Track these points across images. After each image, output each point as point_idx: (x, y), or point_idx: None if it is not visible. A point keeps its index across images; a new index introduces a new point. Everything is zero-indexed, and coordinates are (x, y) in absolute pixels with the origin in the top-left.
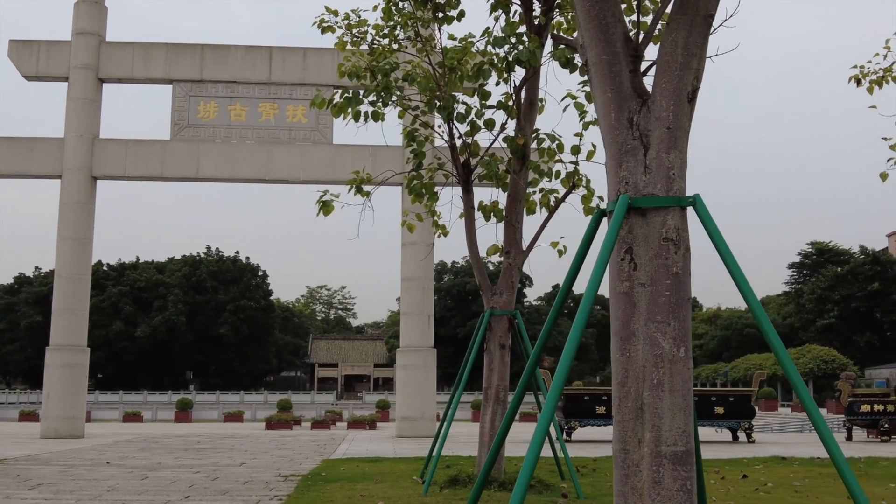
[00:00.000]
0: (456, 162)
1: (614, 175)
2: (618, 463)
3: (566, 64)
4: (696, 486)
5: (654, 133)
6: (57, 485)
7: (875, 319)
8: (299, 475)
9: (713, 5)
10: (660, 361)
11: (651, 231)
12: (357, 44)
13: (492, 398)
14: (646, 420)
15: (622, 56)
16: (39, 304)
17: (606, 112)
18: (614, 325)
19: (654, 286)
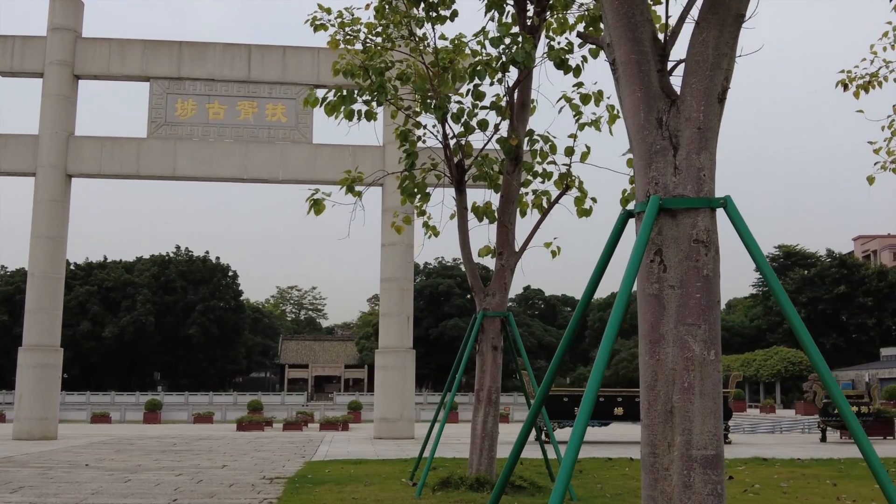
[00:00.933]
0: (450, 162)
1: (643, 175)
2: (646, 467)
3: (561, 65)
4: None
5: (684, 133)
6: (38, 488)
7: (841, 322)
8: (284, 477)
9: (744, 5)
10: (690, 364)
11: (681, 233)
12: (350, 42)
13: (484, 399)
14: (676, 423)
15: (650, 55)
16: (5, 304)
17: (635, 112)
18: (643, 327)
19: (683, 288)
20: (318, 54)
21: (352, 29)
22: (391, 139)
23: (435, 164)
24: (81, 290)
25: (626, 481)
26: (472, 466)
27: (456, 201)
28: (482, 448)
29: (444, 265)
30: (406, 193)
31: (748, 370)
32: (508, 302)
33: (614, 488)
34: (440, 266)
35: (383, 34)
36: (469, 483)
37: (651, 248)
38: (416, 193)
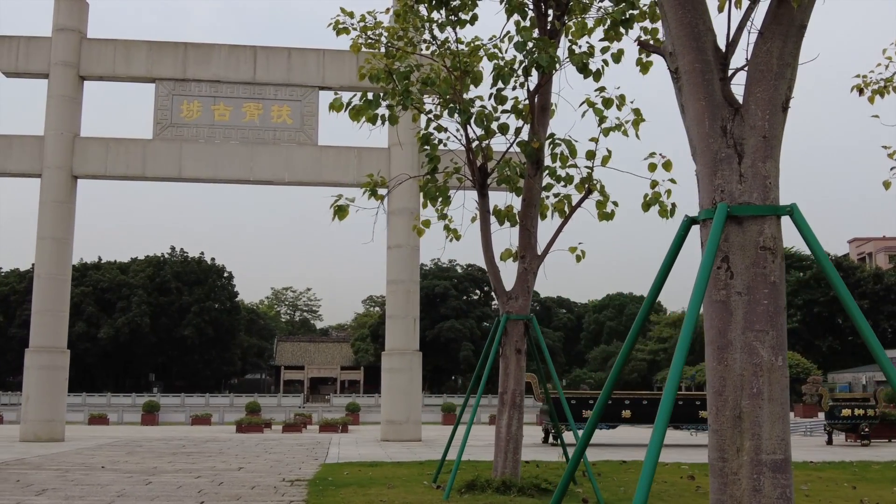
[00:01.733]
0: (472, 165)
1: (708, 183)
2: (715, 471)
3: (583, 69)
4: None
5: (749, 142)
6: (62, 490)
7: (837, 324)
8: (304, 480)
9: (807, 16)
10: (758, 370)
11: (747, 240)
12: (371, 46)
13: (508, 403)
14: (745, 428)
15: (713, 64)
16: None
17: (700, 120)
18: (710, 333)
19: (750, 295)
20: (324, 56)
21: (373, 33)
22: (396, 141)
23: (458, 168)
24: (76, 291)
25: (655, 485)
26: (497, 469)
27: (478, 205)
28: (507, 451)
29: (440, 267)
30: (429, 197)
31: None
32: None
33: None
34: (436, 268)
35: (405, 38)
36: (495, 486)
37: (718, 255)
38: (438, 197)
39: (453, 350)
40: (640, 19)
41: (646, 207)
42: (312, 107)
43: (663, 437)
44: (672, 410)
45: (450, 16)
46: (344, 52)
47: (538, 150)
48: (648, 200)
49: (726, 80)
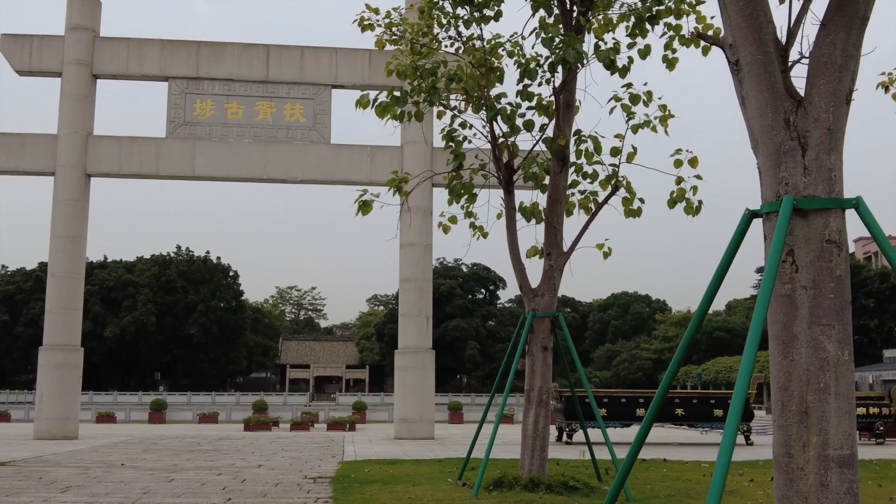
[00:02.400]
0: (499, 162)
1: (772, 176)
2: (780, 467)
3: (610, 65)
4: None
5: (813, 134)
6: (86, 487)
7: None
8: (326, 477)
9: (870, 8)
10: (825, 365)
11: (812, 233)
12: (395, 42)
13: (534, 400)
14: (811, 424)
15: (774, 56)
16: (5, 303)
17: (762, 112)
18: (774, 328)
19: (816, 289)
20: (336, 55)
21: (398, 29)
22: (409, 139)
23: (483, 165)
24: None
25: (673, 482)
26: (524, 466)
27: (504, 202)
28: (534, 448)
29: (445, 266)
30: (454, 194)
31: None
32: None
33: (663, 489)
34: (442, 267)
35: (429, 34)
36: (523, 483)
37: (783, 249)
38: (463, 194)
39: (459, 349)
40: (665, 15)
41: (672, 204)
42: (325, 105)
43: (734, 439)
44: (691, 409)
45: (474, 12)
46: (356, 51)
47: (564, 146)
48: (675, 197)
49: (787, 73)
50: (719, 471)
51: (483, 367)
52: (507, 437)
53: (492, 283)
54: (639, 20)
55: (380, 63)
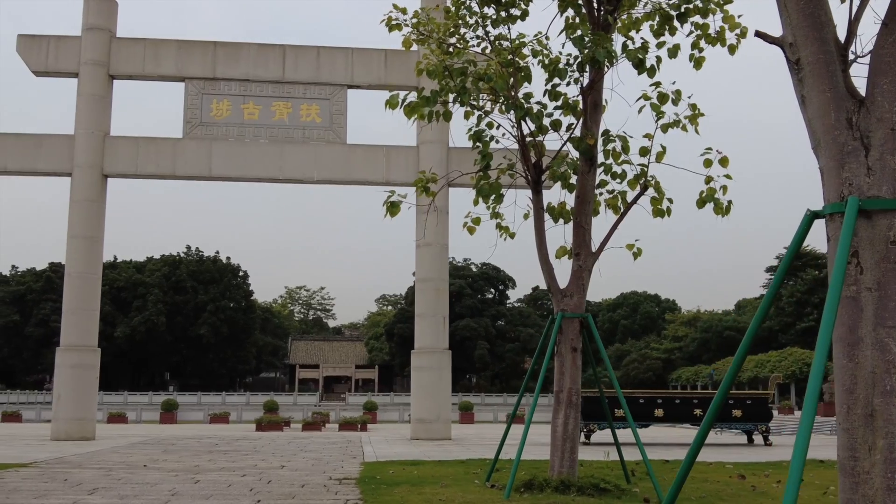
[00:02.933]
0: (527, 162)
1: (835, 176)
2: (846, 470)
3: (639, 65)
4: None
5: (876, 134)
6: (113, 489)
7: None
8: (351, 478)
9: None
10: (891, 367)
11: (876, 234)
12: (422, 42)
13: (564, 401)
14: (877, 427)
15: (835, 55)
16: (16, 304)
17: (825, 112)
18: (839, 330)
19: (881, 290)
20: (352, 55)
21: (425, 28)
22: (425, 139)
23: (512, 165)
24: None
25: (701, 484)
26: (554, 468)
27: (532, 202)
28: (563, 450)
29: (455, 265)
30: (482, 194)
31: (762, 372)
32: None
33: (693, 491)
34: (451, 266)
35: (456, 34)
36: (554, 485)
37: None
38: (491, 194)
39: (468, 349)
40: (693, 13)
41: (701, 204)
42: (341, 105)
43: (808, 441)
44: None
45: (500, 11)
46: (372, 51)
47: (592, 146)
48: (704, 197)
49: (847, 72)
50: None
51: (493, 366)
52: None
53: (501, 282)
54: (666, 18)
55: (395, 63)
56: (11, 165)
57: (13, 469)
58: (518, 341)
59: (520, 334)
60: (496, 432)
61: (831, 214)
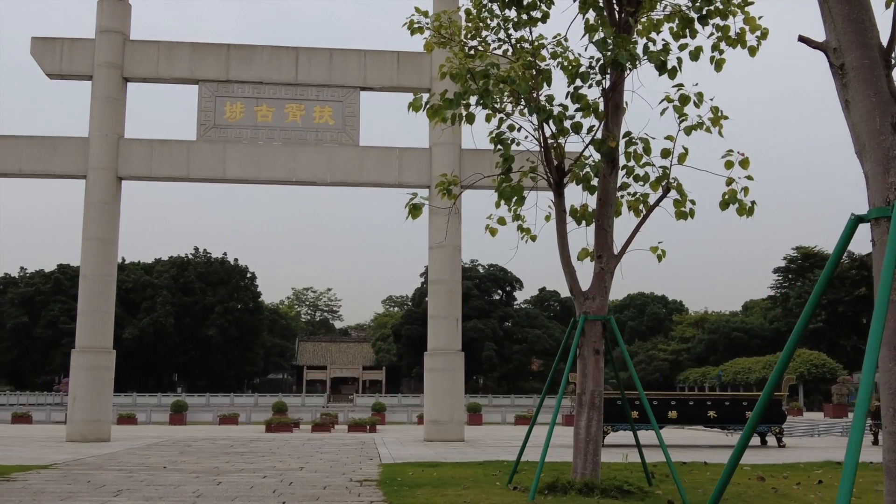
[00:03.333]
0: (549, 164)
1: (881, 181)
2: (892, 474)
3: (661, 67)
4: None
5: None
6: (137, 491)
7: (861, 324)
8: (371, 480)
9: None
10: None
11: None
12: (443, 45)
13: (586, 404)
14: None
15: (879, 61)
16: (25, 305)
17: (870, 117)
18: (885, 333)
19: None
20: (365, 57)
21: (446, 31)
22: (437, 141)
23: (534, 167)
24: None
25: (730, 487)
26: (577, 471)
27: (554, 204)
28: (587, 452)
29: (462, 267)
30: (504, 197)
31: (770, 373)
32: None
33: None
34: None
35: (478, 37)
36: (578, 487)
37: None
38: (513, 197)
39: (475, 350)
40: (714, 15)
41: (724, 206)
42: (354, 107)
43: (861, 442)
44: (723, 412)
45: (522, 14)
46: (384, 53)
47: (614, 148)
48: (727, 199)
49: (891, 77)
50: (847, 475)
51: (500, 368)
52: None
53: (508, 283)
54: (685, 21)
55: (408, 65)
56: (26, 168)
57: (34, 471)
58: (525, 342)
59: (527, 335)
60: (507, 433)
61: (876, 219)
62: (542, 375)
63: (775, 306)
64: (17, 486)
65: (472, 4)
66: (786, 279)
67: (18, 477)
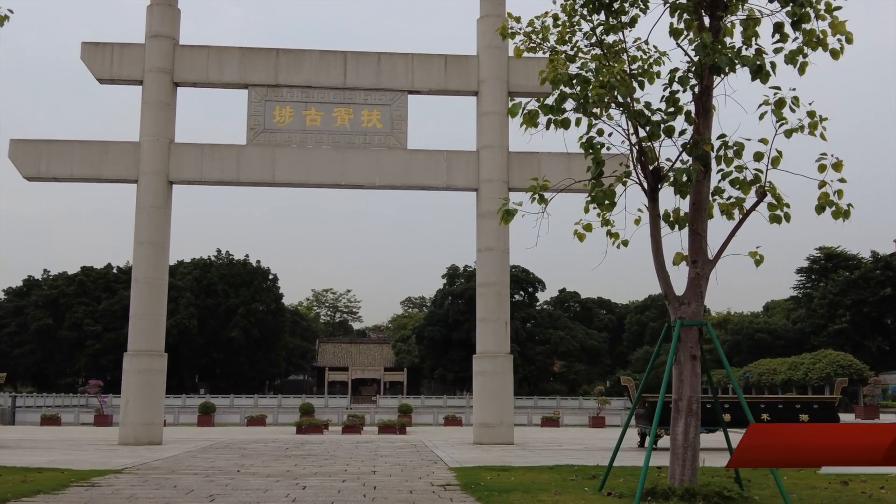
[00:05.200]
0: (645, 169)
1: None
2: None
3: (757, 72)
4: None
5: None
6: (229, 496)
7: (886, 325)
8: (453, 485)
9: None
10: None
11: None
12: (533, 50)
13: (683, 410)
14: None
15: None
16: (48, 307)
17: None
18: None
19: None
20: (412, 60)
21: (536, 36)
22: (485, 144)
23: (628, 172)
24: (125, 293)
25: (812, 491)
26: (675, 477)
27: (648, 209)
28: (685, 458)
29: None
30: (596, 201)
31: (796, 374)
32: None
33: (811, 498)
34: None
35: (570, 42)
36: (679, 493)
37: None
38: (605, 201)
39: None
40: (807, 19)
41: (819, 210)
42: (402, 111)
43: None
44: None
45: (610, 18)
46: (432, 56)
47: (707, 152)
48: (822, 202)
49: None
50: None
51: (522, 369)
52: (600, 444)
53: (531, 285)
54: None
55: (455, 68)
56: (78, 172)
57: (109, 475)
58: (548, 344)
59: (549, 337)
60: (545, 436)
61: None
62: (563, 377)
63: (799, 307)
64: (107, 492)
65: (563, 10)
66: (809, 279)
67: (101, 482)
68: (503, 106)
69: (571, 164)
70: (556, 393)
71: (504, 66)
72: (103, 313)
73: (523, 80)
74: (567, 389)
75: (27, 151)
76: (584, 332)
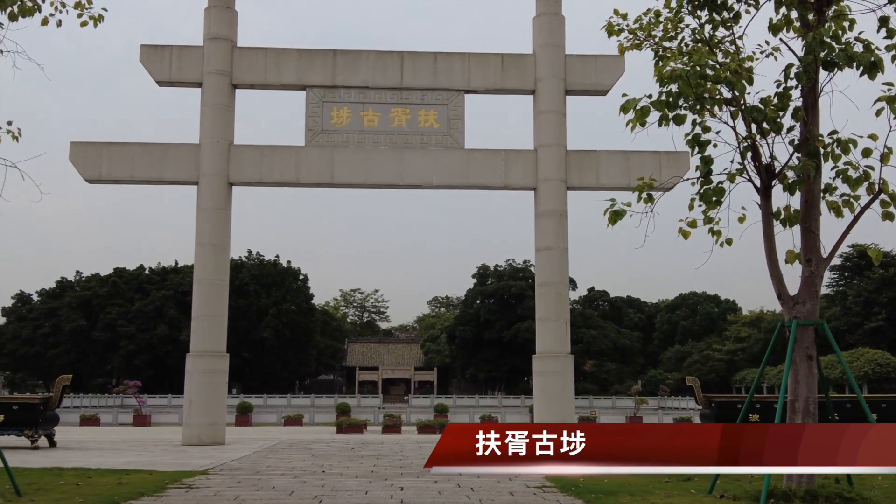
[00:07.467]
0: (759, 165)
1: None
2: None
3: (871, 68)
4: None
5: None
6: (332, 497)
7: None
8: (547, 486)
9: None
10: None
11: None
12: (636, 47)
13: (800, 410)
14: None
15: None
16: (82, 309)
17: None
18: None
19: None
20: (469, 59)
21: (641, 33)
22: (542, 143)
23: (741, 170)
24: (158, 294)
25: None
26: (793, 478)
27: (761, 207)
28: None
29: (514, 267)
30: (705, 199)
31: (833, 372)
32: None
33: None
34: (510, 268)
35: (675, 38)
36: (800, 496)
37: None
38: (714, 198)
39: (531, 351)
40: None
41: None
42: (458, 110)
43: None
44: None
45: (713, 13)
46: (488, 55)
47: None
48: None
49: None
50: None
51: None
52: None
53: None
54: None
55: (512, 67)
56: (138, 174)
57: (198, 476)
58: (581, 343)
59: (582, 336)
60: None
61: None
62: (594, 376)
63: (833, 305)
64: (208, 494)
65: (666, 6)
66: (842, 277)
67: (194, 483)
68: (561, 104)
69: (630, 162)
70: (588, 392)
71: (561, 64)
72: (136, 314)
73: (581, 78)
74: (598, 389)
75: (88, 154)
76: (616, 331)
